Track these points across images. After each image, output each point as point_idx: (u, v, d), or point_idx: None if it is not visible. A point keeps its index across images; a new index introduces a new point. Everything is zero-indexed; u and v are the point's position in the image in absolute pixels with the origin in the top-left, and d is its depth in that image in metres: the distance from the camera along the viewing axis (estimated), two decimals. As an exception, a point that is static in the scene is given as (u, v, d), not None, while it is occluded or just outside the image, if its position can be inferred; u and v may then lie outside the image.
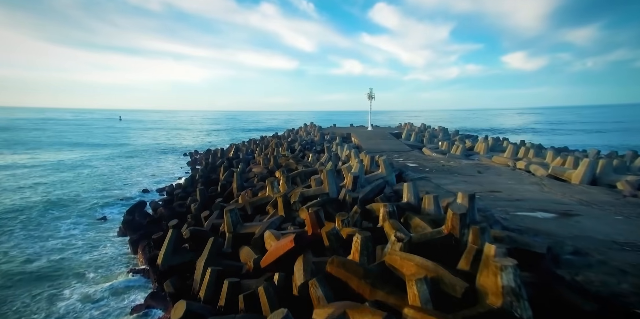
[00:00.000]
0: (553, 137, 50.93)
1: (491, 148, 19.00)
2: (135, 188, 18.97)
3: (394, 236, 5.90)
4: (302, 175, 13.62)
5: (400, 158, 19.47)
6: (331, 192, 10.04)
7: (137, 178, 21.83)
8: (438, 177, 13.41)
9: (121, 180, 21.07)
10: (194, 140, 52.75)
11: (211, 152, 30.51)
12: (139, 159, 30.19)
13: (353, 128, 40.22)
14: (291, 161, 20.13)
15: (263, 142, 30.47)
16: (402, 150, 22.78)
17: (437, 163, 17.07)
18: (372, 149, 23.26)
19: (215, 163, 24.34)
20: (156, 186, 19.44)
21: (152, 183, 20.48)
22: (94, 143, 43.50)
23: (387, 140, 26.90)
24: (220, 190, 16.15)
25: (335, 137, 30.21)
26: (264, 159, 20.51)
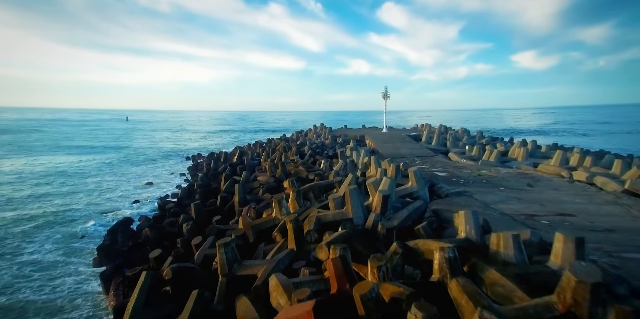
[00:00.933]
0: (587, 139, 46.74)
1: (530, 154, 16.54)
2: (127, 198, 16.90)
3: (478, 317, 3.62)
4: (315, 189, 11.38)
5: (425, 165, 17.13)
6: (356, 218, 7.77)
7: (130, 187, 19.76)
8: (480, 192, 11.05)
9: (113, 189, 19.02)
10: (199, 142, 50.84)
11: (214, 156, 28.45)
12: (136, 164, 28.20)
13: (366, 129, 37.86)
14: (301, 169, 17.92)
15: (270, 145, 28.32)
16: (425, 154, 20.41)
17: (470, 172, 14.69)
18: (390, 154, 20.95)
19: (217, 169, 22.25)
20: (150, 197, 17.38)
21: (146, 192, 18.42)
22: (92, 146, 41.66)
23: (406, 143, 24.52)
24: (220, 204, 14.01)
25: (349, 139, 27.92)
26: (270, 166, 18.33)
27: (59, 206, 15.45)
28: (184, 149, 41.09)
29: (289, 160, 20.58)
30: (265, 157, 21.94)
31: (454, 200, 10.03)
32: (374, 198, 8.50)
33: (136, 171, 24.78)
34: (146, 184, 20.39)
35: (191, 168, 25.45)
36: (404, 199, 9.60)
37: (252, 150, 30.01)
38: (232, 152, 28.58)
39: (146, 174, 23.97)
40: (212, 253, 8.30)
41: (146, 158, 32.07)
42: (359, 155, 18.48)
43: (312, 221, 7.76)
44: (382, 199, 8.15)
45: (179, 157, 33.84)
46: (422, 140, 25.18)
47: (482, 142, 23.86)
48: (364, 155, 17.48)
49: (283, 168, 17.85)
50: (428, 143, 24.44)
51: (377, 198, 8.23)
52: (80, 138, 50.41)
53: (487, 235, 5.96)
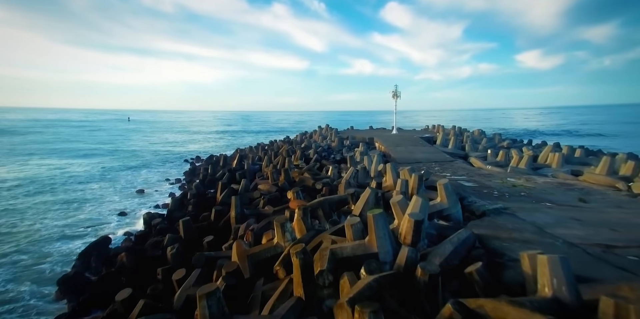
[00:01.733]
0: (607, 141, 43.56)
1: (566, 160, 14.62)
2: (112, 210, 15.09)
3: None
4: (325, 205, 9.55)
5: (445, 172, 15.27)
6: (382, 253, 5.94)
7: (118, 196, 17.96)
8: (523, 209, 9.18)
9: (98, 198, 17.21)
10: (199, 144, 49.12)
11: (213, 160, 26.71)
12: (130, 168, 26.41)
13: (374, 131, 35.98)
14: (306, 176, 16.13)
15: (272, 148, 26.53)
16: (442, 159, 18.53)
17: (501, 181, 12.81)
18: (403, 158, 19.09)
19: (215, 175, 20.50)
20: (139, 207, 15.62)
21: (135, 202, 16.62)
22: (88, 148, 39.77)
23: (419, 146, 22.63)
24: (215, 218, 12.22)
25: (357, 142, 26.07)
26: (272, 172, 16.54)
27: (29, 221, 13.58)
28: (183, 151, 39.36)
29: (293, 165, 18.79)
30: (267, 162, 20.16)
31: (496, 221, 8.17)
32: (402, 223, 6.67)
33: (128, 177, 22.99)
34: (137, 192, 18.64)
35: (188, 173, 23.73)
36: (436, 222, 7.77)
37: (254, 152, 28.24)
38: (232, 156, 26.84)
39: (139, 180, 22.20)
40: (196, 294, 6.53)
41: (142, 161, 30.32)
42: (370, 161, 16.65)
43: (324, 257, 5.93)
44: (413, 226, 6.32)
45: (178, 160, 32.11)
46: (437, 143, 23.28)
47: (503, 145, 21.93)
48: (377, 161, 15.63)
49: (286, 176, 16.08)
50: (444, 147, 22.54)
51: (408, 224, 6.40)
52: (77, 140, 48.71)
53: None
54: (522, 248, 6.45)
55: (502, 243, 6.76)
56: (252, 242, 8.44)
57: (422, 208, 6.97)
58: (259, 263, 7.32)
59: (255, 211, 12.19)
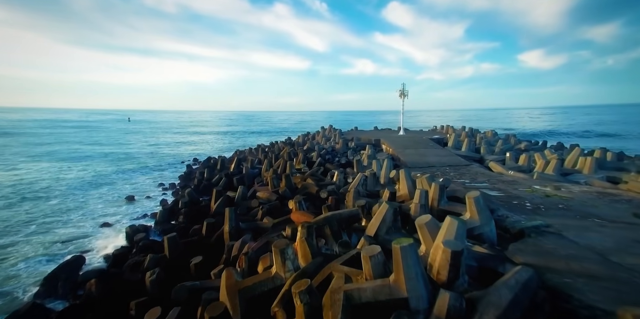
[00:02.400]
0: (626, 143, 41.30)
1: (600, 165, 13.12)
2: (94, 221, 13.57)
3: None
4: (333, 223, 8.09)
5: (462, 178, 13.82)
6: (414, 298, 4.49)
7: (104, 204, 16.38)
8: (569, 226, 7.71)
9: (81, 207, 15.63)
10: (198, 145, 47.63)
11: (210, 163, 25.30)
12: (123, 172, 24.87)
13: (380, 132, 34.51)
14: (309, 183, 14.72)
15: (273, 150, 25.10)
16: (457, 163, 17.07)
17: (530, 189, 11.35)
18: (414, 162, 17.65)
19: (211, 180, 19.11)
20: (125, 218, 14.15)
21: (121, 212, 15.10)
22: (80, 150, 38.10)
23: (430, 148, 21.16)
24: (207, 233, 10.81)
25: (363, 144, 24.63)
26: (272, 178, 15.12)
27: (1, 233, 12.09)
28: (181, 153, 37.93)
29: (295, 170, 17.37)
30: (266, 166, 18.75)
31: (542, 245, 6.71)
32: (434, 253, 5.23)
33: (119, 182, 21.49)
34: (126, 199, 17.19)
35: (183, 177, 22.32)
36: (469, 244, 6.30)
37: (254, 155, 26.84)
38: (230, 158, 25.43)
39: (131, 185, 20.71)
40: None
41: (136, 164, 28.84)
42: (380, 166, 15.21)
43: (337, 303, 4.50)
44: (451, 258, 4.88)
45: (175, 163, 30.66)
46: (449, 145, 21.80)
47: (521, 147, 20.43)
48: (387, 166, 14.18)
49: (288, 182, 14.69)
50: (456, 149, 21.06)
51: (442, 255, 4.96)
52: (71, 142, 47.14)
53: None
54: (591, 287, 5.01)
55: (562, 278, 5.31)
56: (246, 269, 7.01)
57: (459, 233, 5.51)
58: (252, 300, 5.89)
59: (252, 225, 10.78)
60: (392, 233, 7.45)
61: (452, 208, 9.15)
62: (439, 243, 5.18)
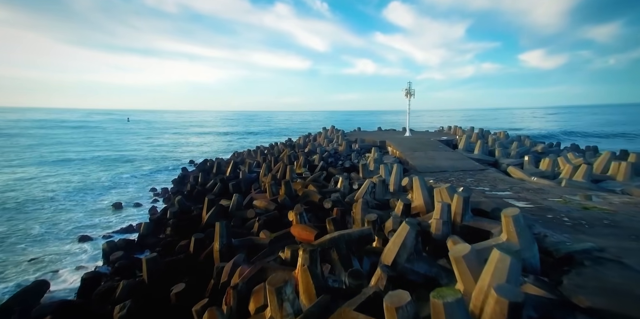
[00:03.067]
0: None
1: (636, 171, 11.76)
2: (71, 234, 12.16)
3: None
4: (341, 245, 6.74)
5: (481, 185, 12.50)
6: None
7: (86, 212, 15.01)
8: (628, 250, 6.37)
9: (61, 216, 14.17)
10: (196, 146, 46.23)
11: (206, 166, 24.00)
12: (112, 176, 23.47)
13: (384, 133, 33.17)
14: (311, 190, 13.44)
15: (272, 153, 23.79)
16: (472, 168, 15.74)
17: (562, 200, 10.01)
18: (425, 166, 16.33)
19: (206, 185, 17.79)
20: (107, 229, 12.77)
21: (104, 222, 13.70)
22: (73, 151, 36.52)
23: (441, 151, 19.82)
24: (195, 250, 9.49)
25: (368, 146, 23.31)
26: (271, 185, 13.81)
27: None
28: (178, 154, 36.62)
29: (295, 174, 16.07)
30: (265, 170, 17.42)
31: (606, 279, 5.37)
32: (483, 302, 3.91)
33: (108, 186, 20.10)
34: (113, 207, 15.85)
35: (177, 181, 20.99)
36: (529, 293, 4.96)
37: (252, 157, 25.53)
38: (227, 161, 24.10)
39: (120, 190, 19.38)
40: None
41: (129, 166, 27.47)
42: (388, 171, 13.89)
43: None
44: (509, 312, 3.54)
45: (171, 165, 29.33)
46: (460, 148, 20.44)
47: (537, 150, 19.08)
48: (397, 172, 12.85)
49: (287, 189, 13.40)
50: (468, 152, 19.71)
51: (497, 307, 3.62)
52: (65, 143, 45.51)
53: None
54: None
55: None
56: (234, 308, 5.68)
57: (513, 273, 4.16)
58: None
59: (247, 242, 9.45)
60: (414, 261, 6.13)
61: (479, 225, 7.83)
62: (489, 289, 3.85)
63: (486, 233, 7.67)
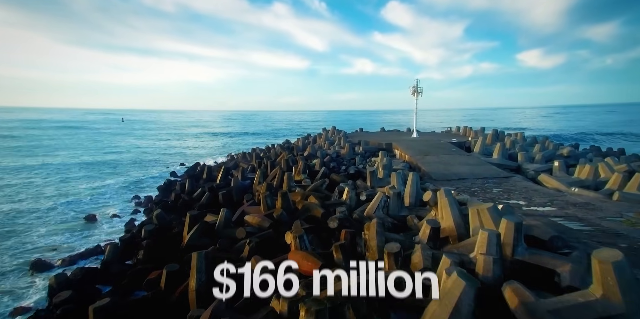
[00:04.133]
0: None
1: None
2: (23, 258, 10.05)
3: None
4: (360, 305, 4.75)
5: (513, 198, 10.60)
6: None
7: (50, 227, 12.80)
8: None
9: (17, 233, 12.08)
10: (189, 147, 43.97)
11: (196, 170, 22.03)
12: (94, 180, 21.46)
13: (388, 134, 31.23)
14: (313, 203, 11.52)
15: (269, 156, 21.83)
16: (494, 175, 13.84)
17: (626, 220, 8.10)
18: (440, 173, 14.45)
19: (193, 194, 15.83)
20: (70, 251, 10.70)
21: (70, 241, 11.43)
22: (52, 155, 34.01)
23: (454, 155, 17.91)
24: (166, 286, 7.52)
25: (373, 149, 21.39)
26: (266, 196, 11.85)
27: None
28: (169, 157, 34.54)
29: (294, 183, 14.11)
30: (259, 178, 15.47)
31: None
32: None
33: (83, 195, 17.90)
34: (85, 219, 13.80)
35: (162, 188, 18.97)
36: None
37: (247, 160, 23.55)
38: (218, 165, 22.10)
39: (97, 198, 17.35)
40: None
41: (113, 171, 25.28)
42: (400, 180, 11.98)
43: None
44: None
45: (159, 169, 27.28)
46: (475, 151, 18.52)
47: (563, 154, 17.19)
48: (413, 182, 10.92)
49: (285, 202, 11.44)
50: (485, 155, 17.81)
51: None
52: (46, 146, 42.37)
53: None
54: None
55: None
56: None
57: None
58: None
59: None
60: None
61: (538, 260, 5.93)
62: None
63: (549, 272, 5.77)
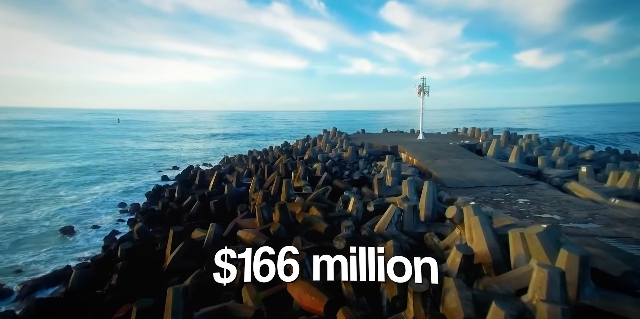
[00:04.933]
0: None
1: None
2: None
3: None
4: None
5: (544, 212, 9.25)
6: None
7: (18, 244, 11.42)
8: None
9: None
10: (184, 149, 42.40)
11: (189, 174, 20.63)
12: (77, 186, 19.93)
13: (392, 135, 29.87)
14: (314, 215, 10.18)
15: (266, 160, 20.43)
16: (515, 182, 12.50)
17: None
18: (453, 179, 13.12)
19: (183, 203, 14.45)
20: (36, 272, 9.31)
21: (35, 262, 10.07)
22: (35, 158, 32.25)
23: (466, 159, 16.56)
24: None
25: (377, 152, 20.02)
26: (261, 208, 10.47)
27: None
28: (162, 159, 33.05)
29: (293, 191, 12.73)
30: (256, 185, 14.09)
31: None
32: None
33: (64, 202, 16.44)
34: (61, 232, 12.37)
35: (151, 195, 17.55)
36: None
37: (243, 164, 22.17)
38: (211, 170, 20.69)
39: (79, 206, 15.91)
40: None
41: (101, 175, 23.82)
42: (412, 189, 10.67)
43: None
44: None
45: (150, 173, 25.87)
46: (489, 154, 17.16)
47: (585, 157, 15.87)
48: (429, 193, 9.58)
49: (283, 214, 10.10)
50: (500, 159, 16.47)
51: None
52: (30, 150, 40.59)
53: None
54: None
55: None
56: None
57: None
58: None
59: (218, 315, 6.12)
60: None
61: (613, 307, 4.56)
62: None
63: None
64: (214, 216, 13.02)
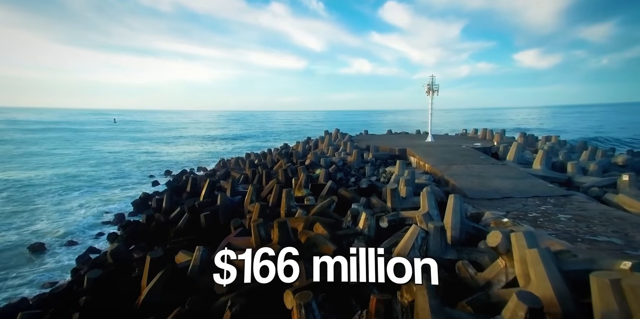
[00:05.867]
0: None
1: None
2: None
3: None
4: None
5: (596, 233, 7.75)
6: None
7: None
8: None
9: None
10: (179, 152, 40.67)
11: (181, 180, 19.08)
12: (58, 193, 18.31)
13: (397, 137, 28.33)
14: (320, 234, 8.63)
15: (264, 164, 18.88)
16: (547, 192, 10.99)
17: None
18: (474, 189, 11.62)
19: (170, 215, 12.89)
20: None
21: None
22: (21, 161, 30.63)
23: (485, 164, 15.03)
24: None
25: (384, 156, 18.48)
26: (258, 226, 8.91)
27: None
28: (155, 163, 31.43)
29: (294, 203, 11.17)
30: (252, 195, 12.53)
31: None
32: None
33: (39, 213, 14.86)
34: (29, 250, 10.76)
35: (138, 203, 15.98)
36: None
37: (240, 168, 20.61)
38: (205, 176, 19.13)
39: (57, 216, 14.30)
40: None
41: (86, 179, 22.18)
42: (433, 203, 9.21)
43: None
44: None
45: (141, 178, 24.28)
46: (509, 159, 15.64)
47: (617, 163, 14.37)
48: (456, 209, 8.06)
49: (283, 233, 8.52)
50: (521, 165, 14.97)
51: None
52: (22, 150, 39.16)
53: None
54: None
55: None
56: None
57: None
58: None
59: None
60: None
61: None
62: None
63: None
64: (205, 231, 11.52)
